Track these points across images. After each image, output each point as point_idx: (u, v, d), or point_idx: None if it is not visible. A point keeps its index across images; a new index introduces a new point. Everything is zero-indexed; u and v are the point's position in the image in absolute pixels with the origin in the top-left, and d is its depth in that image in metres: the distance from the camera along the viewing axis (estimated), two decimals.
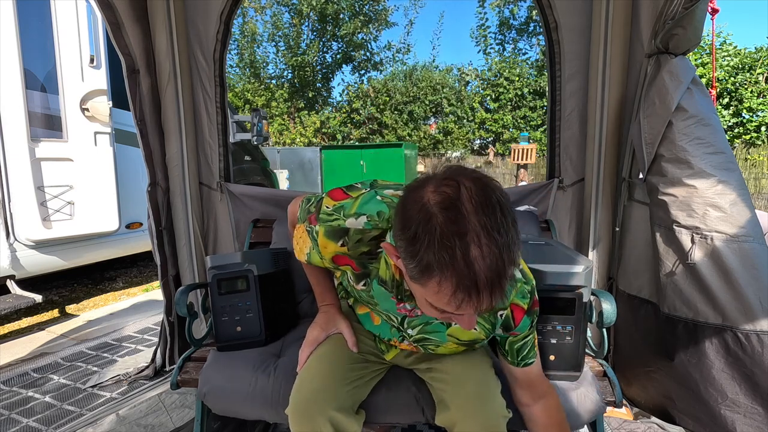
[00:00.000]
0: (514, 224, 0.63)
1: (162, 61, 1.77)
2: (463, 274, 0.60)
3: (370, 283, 0.91)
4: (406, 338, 1.00)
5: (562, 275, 1.04)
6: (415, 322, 0.94)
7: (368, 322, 1.05)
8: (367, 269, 0.89)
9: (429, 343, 0.97)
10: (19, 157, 2.53)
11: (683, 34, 1.29)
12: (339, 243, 0.87)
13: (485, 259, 0.60)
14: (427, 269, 0.62)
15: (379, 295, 0.92)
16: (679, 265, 1.32)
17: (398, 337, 1.01)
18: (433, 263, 0.61)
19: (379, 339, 1.09)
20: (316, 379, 0.97)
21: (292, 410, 0.95)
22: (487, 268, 0.60)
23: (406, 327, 0.96)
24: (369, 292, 0.92)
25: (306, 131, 13.41)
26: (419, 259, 0.63)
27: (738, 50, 9.54)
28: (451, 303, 0.64)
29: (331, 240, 0.87)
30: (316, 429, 0.91)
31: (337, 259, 0.90)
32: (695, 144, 1.30)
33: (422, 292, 0.68)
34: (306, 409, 0.93)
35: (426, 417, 1.08)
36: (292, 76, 13.87)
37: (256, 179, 4.01)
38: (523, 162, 8.38)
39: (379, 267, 0.87)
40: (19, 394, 1.91)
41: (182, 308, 1.28)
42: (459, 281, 0.61)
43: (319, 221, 0.89)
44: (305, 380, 0.98)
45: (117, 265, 4.20)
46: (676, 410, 1.38)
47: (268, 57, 14.12)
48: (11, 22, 2.45)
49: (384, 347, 1.10)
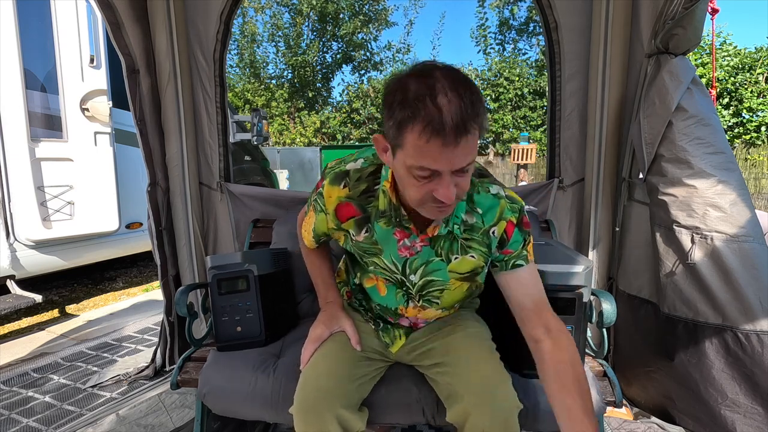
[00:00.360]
0: (479, 95, 0.73)
1: (162, 61, 1.77)
2: (432, 116, 0.69)
3: (371, 227, 0.96)
4: (411, 298, 1.02)
5: (562, 275, 1.04)
6: (417, 262, 0.97)
7: (375, 294, 1.05)
8: (367, 212, 0.95)
9: (433, 288, 0.99)
10: (19, 157, 2.53)
11: (683, 34, 1.29)
12: (341, 185, 0.95)
13: (451, 105, 0.69)
14: (402, 123, 0.72)
15: (381, 237, 0.96)
16: (679, 265, 1.32)
17: (404, 302, 1.03)
18: (408, 115, 0.71)
19: (383, 331, 1.10)
20: (322, 377, 0.97)
21: (298, 408, 0.94)
22: (453, 113, 0.69)
23: (409, 273, 0.98)
24: (372, 238, 0.97)
25: (306, 131, 13.41)
26: (395, 117, 0.73)
27: (738, 50, 9.53)
28: (425, 152, 0.71)
29: (335, 185, 0.95)
30: (323, 427, 0.91)
31: (339, 211, 0.96)
32: (695, 144, 1.30)
33: (402, 158, 0.76)
34: (313, 406, 0.93)
35: (426, 417, 1.08)
36: (292, 76, 13.87)
37: (256, 179, 4.01)
38: (523, 162, 8.38)
39: (378, 203, 0.94)
40: (19, 394, 1.91)
41: (182, 308, 1.28)
42: (429, 122, 0.69)
43: (325, 177, 0.98)
44: (310, 378, 0.98)
45: (117, 265, 4.20)
46: (676, 410, 1.38)
47: (268, 57, 14.13)
48: (11, 22, 2.45)
49: (389, 339, 1.10)
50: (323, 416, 0.91)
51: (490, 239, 0.94)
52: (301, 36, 13.42)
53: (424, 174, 0.75)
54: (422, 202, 0.80)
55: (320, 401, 0.93)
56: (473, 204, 0.93)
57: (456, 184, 0.77)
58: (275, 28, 13.38)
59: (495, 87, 12.49)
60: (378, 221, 0.95)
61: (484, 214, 0.93)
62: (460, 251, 0.95)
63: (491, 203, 0.93)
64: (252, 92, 13.43)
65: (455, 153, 0.71)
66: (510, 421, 0.90)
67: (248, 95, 13.36)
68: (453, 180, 0.76)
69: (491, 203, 0.93)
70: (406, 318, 1.07)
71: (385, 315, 1.09)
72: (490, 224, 0.93)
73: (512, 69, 12.42)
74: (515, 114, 12.37)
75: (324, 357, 1.02)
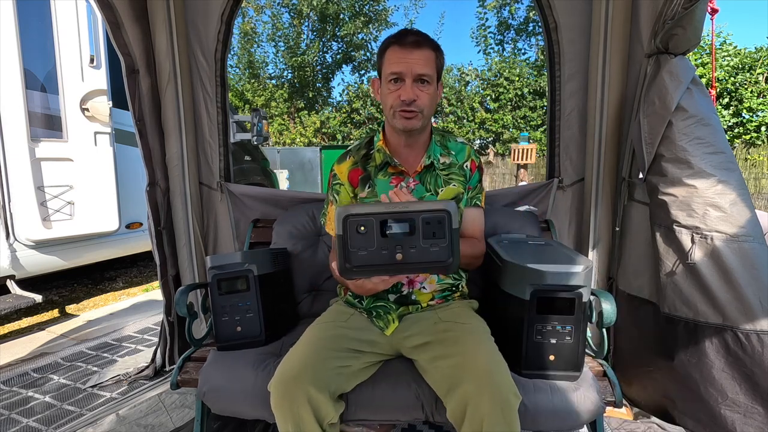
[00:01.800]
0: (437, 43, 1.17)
1: (162, 61, 1.77)
2: (398, 37, 1.13)
3: (373, 183, 1.23)
4: None
5: (562, 275, 1.04)
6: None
7: None
8: (368, 171, 1.25)
9: None
10: (19, 157, 2.53)
11: (683, 34, 1.29)
12: (347, 158, 1.29)
13: (411, 32, 1.13)
14: (382, 50, 1.16)
15: (381, 187, 1.22)
16: (679, 265, 1.32)
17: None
18: (386, 43, 1.15)
19: (377, 317, 1.17)
20: (300, 357, 1.01)
21: (274, 386, 0.98)
22: (412, 35, 1.12)
23: None
24: (374, 191, 1.23)
25: (306, 131, 13.41)
26: (380, 52, 1.17)
27: (738, 50, 9.53)
28: (392, 59, 1.12)
29: (342, 162, 1.29)
30: (294, 407, 0.94)
31: (351, 178, 1.26)
32: (695, 144, 1.30)
33: (383, 77, 1.15)
34: (286, 384, 0.96)
35: (425, 414, 1.08)
36: (292, 76, 13.86)
37: (256, 179, 4.01)
38: (523, 162, 8.38)
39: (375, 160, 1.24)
40: (19, 394, 1.91)
41: (182, 308, 1.28)
42: (396, 40, 1.13)
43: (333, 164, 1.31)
44: (287, 359, 1.02)
45: (117, 265, 4.21)
46: (676, 410, 1.38)
47: (267, 57, 14.14)
48: (11, 22, 2.45)
49: (383, 324, 1.16)
50: (295, 397, 0.94)
51: (465, 171, 1.27)
52: (301, 36, 13.42)
53: (394, 78, 1.12)
54: (393, 108, 1.13)
55: (292, 381, 0.96)
56: (447, 149, 1.28)
57: (417, 95, 1.11)
58: (275, 29, 13.39)
59: (495, 87, 12.49)
60: (377, 176, 1.24)
61: (457, 155, 1.28)
62: (444, 184, 1.24)
63: (460, 147, 1.29)
64: (252, 92, 13.43)
65: (412, 58, 1.10)
66: (509, 408, 0.91)
67: (248, 95, 13.36)
68: (414, 90, 1.11)
69: (460, 147, 1.29)
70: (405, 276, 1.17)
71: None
72: (463, 160, 1.27)
73: (512, 69, 12.42)
74: (515, 114, 12.37)
75: (307, 342, 1.07)
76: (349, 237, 0.86)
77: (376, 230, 0.86)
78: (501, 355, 1.02)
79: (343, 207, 0.87)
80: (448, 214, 0.86)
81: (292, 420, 0.94)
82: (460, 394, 0.93)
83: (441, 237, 0.86)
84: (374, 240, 0.86)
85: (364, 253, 0.87)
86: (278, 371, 1.00)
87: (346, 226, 0.86)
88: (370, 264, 0.87)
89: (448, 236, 0.86)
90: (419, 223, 0.86)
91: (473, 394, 0.91)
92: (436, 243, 0.87)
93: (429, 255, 0.87)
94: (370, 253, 0.87)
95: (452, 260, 0.87)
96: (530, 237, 1.45)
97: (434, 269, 0.91)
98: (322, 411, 0.96)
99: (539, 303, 1.05)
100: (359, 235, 0.86)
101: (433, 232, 0.86)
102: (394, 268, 0.88)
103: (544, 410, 1.03)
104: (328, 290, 1.59)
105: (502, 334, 1.13)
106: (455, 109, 13.38)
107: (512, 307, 1.10)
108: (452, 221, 0.86)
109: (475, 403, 0.90)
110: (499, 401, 0.90)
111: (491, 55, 13.70)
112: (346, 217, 0.86)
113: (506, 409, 0.90)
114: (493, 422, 0.88)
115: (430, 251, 0.87)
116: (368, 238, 0.86)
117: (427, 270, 0.92)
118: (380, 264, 0.87)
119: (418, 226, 0.86)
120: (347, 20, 13.35)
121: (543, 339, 1.07)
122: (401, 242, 0.86)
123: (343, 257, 0.87)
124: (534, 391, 1.05)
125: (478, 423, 0.89)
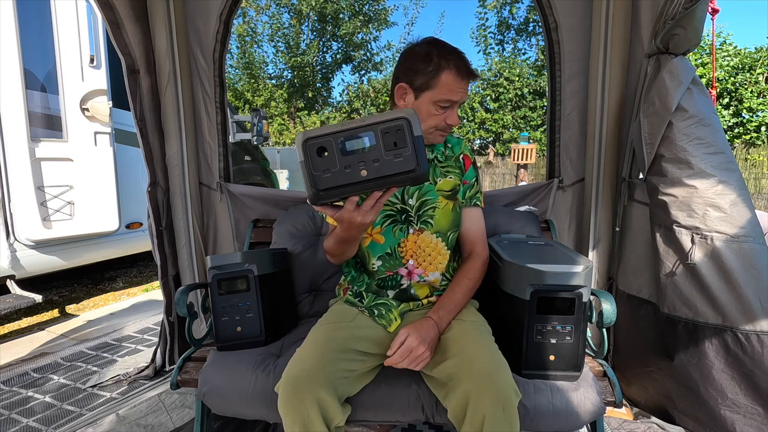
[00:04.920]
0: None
1: (162, 61, 1.77)
2: (460, 65, 1.12)
3: None
4: (410, 223, 1.20)
5: (562, 275, 1.04)
6: (412, 188, 1.20)
7: (375, 248, 1.21)
8: None
9: (427, 207, 1.21)
10: (19, 157, 2.53)
11: (683, 34, 1.29)
12: None
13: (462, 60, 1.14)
14: (439, 69, 1.11)
15: None
16: (679, 266, 1.32)
17: (404, 233, 1.20)
18: (443, 64, 1.11)
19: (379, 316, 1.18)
20: (307, 360, 1.00)
21: (283, 386, 0.97)
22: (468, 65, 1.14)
23: (407, 198, 1.21)
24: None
25: None
26: (433, 66, 1.11)
27: (738, 50, 9.53)
28: (453, 88, 1.12)
29: None
30: (303, 409, 0.93)
31: None
32: (695, 144, 1.30)
33: (429, 96, 1.13)
34: (294, 387, 0.95)
35: (426, 415, 1.08)
36: (291, 76, 13.86)
37: (256, 179, 4.01)
38: (523, 162, 8.39)
39: None
40: (19, 394, 1.91)
41: (182, 308, 1.28)
42: (460, 68, 1.12)
43: None
44: (297, 360, 1.02)
45: (117, 265, 4.21)
46: (676, 410, 1.38)
47: (267, 57, 14.13)
48: (11, 22, 2.45)
49: (385, 322, 1.17)
50: (304, 398, 0.93)
51: (460, 163, 1.29)
52: (300, 36, 13.42)
53: (445, 105, 1.14)
54: (436, 128, 1.16)
55: (302, 382, 0.95)
56: (446, 143, 1.31)
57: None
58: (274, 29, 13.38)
59: (495, 87, 12.50)
60: None
61: (453, 148, 1.31)
62: (441, 175, 1.25)
63: (457, 141, 1.32)
64: (252, 92, 13.42)
65: (465, 87, 1.14)
66: (509, 406, 0.91)
67: (248, 95, 13.36)
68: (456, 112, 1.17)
69: (457, 141, 1.32)
70: (405, 268, 1.20)
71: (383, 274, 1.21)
72: (459, 153, 1.30)
73: (512, 69, 12.43)
74: (515, 114, 12.38)
75: (314, 344, 1.06)
76: (311, 161, 0.84)
77: (336, 149, 0.83)
78: (501, 353, 1.02)
79: (301, 132, 0.85)
80: (406, 122, 0.83)
81: (300, 421, 0.94)
82: (461, 393, 0.93)
83: (403, 146, 0.83)
84: (336, 160, 0.84)
85: (328, 175, 0.84)
86: (287, 372, 0.99)
87: (306, 150, 0.83)
88: (335, 185, 0.84)
89: (410, 144, 0.83)
90: (379, 135, 0.83)
91: (474, 393, 0.91)
92: (399, 153, 0.83)
93: (393, 166, 0.84)
94: (334, 174, 0.84)
95: (418, 168, 0.84)
96: (530, 237, 1.45)
97: (402, 181, 0.87)
98: (330, 413, 0.96)
99: (539, 303, 1.05)
100: (321, 158, 0.84)
101: (394, 142, 0.83)
102: (361, 185, 0.85)
103: (544, 411, 1.03)
104: (328, 290, 1.59)
105: (502, 334, 1.13)
106: None
107: (512, 307, 1.10)
108: (413, 128, 0.83)
109: (476, 402, 0.90)
110: (500, 400, 0.90)
111: (491, 55, 13.71)
112: (305, 141, 0.83)
113: (507, 408, 0.90)
114: (494, 421, 0.88)
115: (395, 162, 0.84)
116: (330, 159, 0.84)
117: (395, 182, 0.87)
118: (346, 183, 0.84)
119: (378, 138, 0.83)
120: (347, 20, 13.35)
121: (543, 339, 1.07)
122: (363, 158, 0.83)
123: (309, 184, 0.84)
124: (534, 392, 1.05)
125: (479, 422, 0.89)
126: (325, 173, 0.84)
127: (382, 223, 1.20)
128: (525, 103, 12.30)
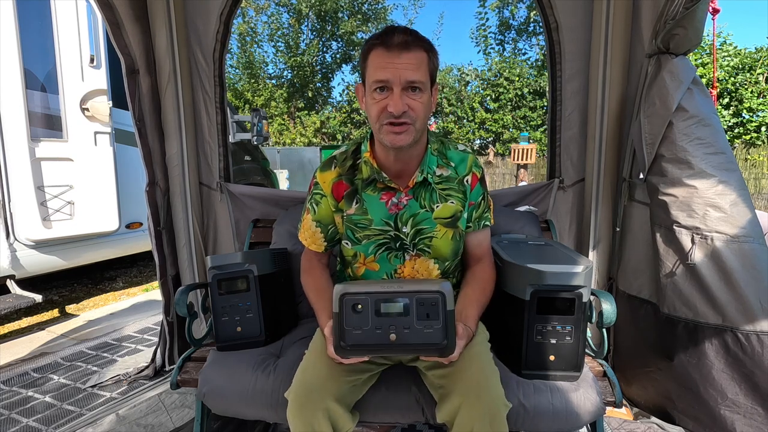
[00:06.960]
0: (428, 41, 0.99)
1: (162, 61, 1.77)
2: (383, 38, 0.95)
3: (360, 197, 1.11)
4: (406, 250, 1.11)
5: (562, 275, 1.03)
6: (406, 215, 1.09)
7: (372, 276, 1.14)
8: (355, 184, 1.11)
9: (423, 235, 1.10)
10: (19, 157, 2.53)
11: (684, 34, 1.29)
12: (332, 168, 1.13)
13: (398, 32, 0.95)
14: (365, 53, 0.98)
15: (370, 204, 1.10)
16: (679, 266, 1.32)
17: (400, 260, 1.11)
18: (369, 45, 0.97)
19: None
20: (315, 373, 1.00)
21: (293, 395, 0.97)
22: (399, 35, 0.94)
23: (401, 226, 1.10)
24: (362, 208, 1.10)
25: (306, 131, 13.41)
26: (363, 55, 0.99)
27: (738, 50, 9.53)
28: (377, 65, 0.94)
29: (326, 170, 1.13)
30: (314, 418, 0.93)
31: (335, 191, 1.12)
32: (695, 144, 1.30)
33: (367, 85, 0.98)
34: (305, 400, 0.95)
35: (426, 416, 1.08)
36: (291, 76, 13.86)
37: (256, 179, 4.01)
38: (523, 162, 8.38)
39: (362, 174, 1.10)
40: (19, 394, 1.91)
41: (182, 308, 1.28)
42: (380, 42, 0.95)
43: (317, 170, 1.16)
44: (307, 370, 1.01)
45: (117, 265, 4.20)
46: (676, 410, 1.38)
47: (267, 57, 14.14)
48: (11, 22, 2.44)
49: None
50: (314, 410, 0.93)
51: (465, 186, 1.12)
52: (300, 36, 13.42)
53: (379, 86, 0.95)
54: (380, 120, 0.97)
55: (312, 395, 0.95)
56: (446, 159, 1.12)
57: (408, 105, 0.95)
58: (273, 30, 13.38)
59: (495, 87, 12.50)
60: (365, 191, 1.10)
61: (457, 167, 1.12)
62: (440, 200, 1.10)
63: (461, 157, 1.13)
64: (251, 92, 13.42)
65: (400, 63, 0.93)
66: (497, 418, 0.91)
67: (248, 95, 13.36)
68: (404, 98, 0.95)
69: (461, 157, 1.13)
70: None
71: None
72: (464, 174, 1.12)
73: (512, 69, 12.42)
74: (515, 114, 12.37)
75: (321, 355, 1.04)
76: (345, 315, 0.88)
77: (371, 309, 0.87)
78: (491, 360, 1.01)
79: (341, 285, 0.89)
80: (442, 296, 0.86)
81: (310, 430, 0.94)
82: (450, 406, 0.93)
83: (435, 318, 0.87)
84: (369, 319, 0.87)
85: (358, 332, 0.88)
86: (297, 380, 0.99)
87: (342, 304, 0.87)
88: (364, 344, 0.88)
89: (442, 318, 0.87)
90: (413, 304, 0.87)
91: (463, 405, 0.91)
92: (430, 324, 0.87)
93: (423, 336, 0.87)
94: (365, 332, 0.88)
95: (446, 342, 0.87)
96: (530, 237, 1.45)
97: (427, 352, 0.90)
98: (340, 423, 0.96)
99: (539, 303, 1.05)
100: (355, 313, 0.87)
101: (427, 313, 0.87)
102: (387, 348, 0.88)
103: (544, 411, 1.03)
104: None
105: (502, 335, 1.13)
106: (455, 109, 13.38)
107: (512, 307, 1.10)
108: (446, 303, 0.87)
109: (464, 415, 0.91)
110: (488, 413, 0.90)
111: (491, 55, 13.71)
112: (343, 296, 0.88)
113: (495, 421, 0.90)
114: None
115: (424, 333, 0.87)
116: (363, 317, 0.87)
117: (420, 352, 0.92)
118: (373, 344, 0.88)
119: (412, 307, 0.87)
120: (346, 19, 13.35)
121: (543, 339, 1.07)
122: (395, 322, 0.87)
123: (338, 336, 0.88)
124: (534, 392, 1.05)
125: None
126: (356, 330, 0.88)
127: (375, 252, 1.11)
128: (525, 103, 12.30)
